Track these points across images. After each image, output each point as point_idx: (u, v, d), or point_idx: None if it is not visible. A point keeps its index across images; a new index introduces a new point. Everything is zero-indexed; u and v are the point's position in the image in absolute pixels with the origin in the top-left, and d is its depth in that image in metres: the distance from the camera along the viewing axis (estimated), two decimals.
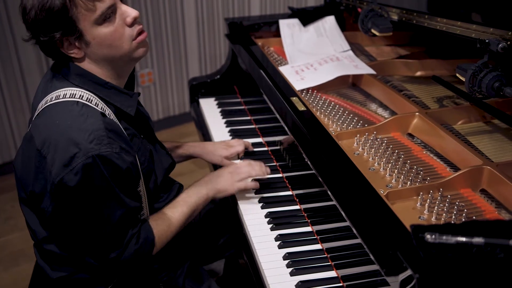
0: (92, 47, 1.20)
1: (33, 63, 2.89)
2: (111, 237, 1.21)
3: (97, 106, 1.21)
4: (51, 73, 1.28)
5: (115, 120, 1.25)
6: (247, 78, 1.95)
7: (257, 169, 1.52)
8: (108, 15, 1.18)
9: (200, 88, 2.19)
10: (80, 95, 1.21)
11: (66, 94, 1.21)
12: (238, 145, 1.71)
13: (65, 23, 1.15)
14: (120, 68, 1.28)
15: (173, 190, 1.53)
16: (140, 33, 1.24)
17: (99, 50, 1.21)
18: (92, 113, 1.19)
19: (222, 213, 1.68)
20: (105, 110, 1.23)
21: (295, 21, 2.10)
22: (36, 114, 1.24)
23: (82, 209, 1.17)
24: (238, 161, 1.68)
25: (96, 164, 1.14)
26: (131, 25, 1.22)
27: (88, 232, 1.20)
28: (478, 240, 0.88)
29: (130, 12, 1.22)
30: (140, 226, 1.27)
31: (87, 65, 1.24)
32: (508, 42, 1.35)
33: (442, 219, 1.16)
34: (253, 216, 1.48)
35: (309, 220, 1.45)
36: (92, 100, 1.22)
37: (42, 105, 1.23)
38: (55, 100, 1.21)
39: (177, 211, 1.37)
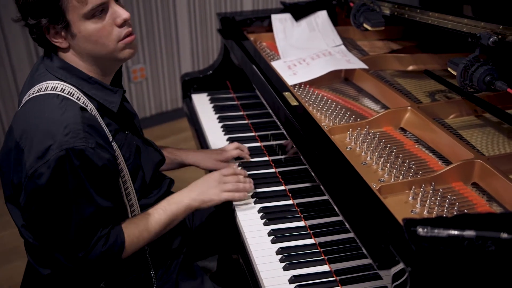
0: (78, 40, 1.20)
1: (23, 53, 2.86)
2: (78, 235, 1.19)
3: (78, 100, 1.21)
4: (37, 66, 1.28)
5: (97, 115, 1.24)
6: (239, 74, 1.95)
7: (246, 186, 1.49)
8: (99, 12, 1.18)
9: (192, 83, 2.19)
10: (62, 89, 1.21)
11: (48, 87, 1.21)
12: (232, 149, 1.69)
13: (53, 11, 1.15)
14: (104, 66, 1.27)
15: (164, 185, 1.52)
16: (128, 35, 1.24)
17: (83, 44, 1.21)
18: (71, 107, 1.19)
19: (215, 208, 1.68)
20: (87, 105, 1.22)
21: (287, 16, 2.10)
22: (20, 107, 1.25)
23: (52, 204, 1.16)
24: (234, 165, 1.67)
25: (69, 157, 1.13)
26: (120, 26, 1.22)
27: (56, 228, 1.19)
28: (469, 233, 0.88)
29: (121, 13, 1.21)
30: (110, 229, 1.25)
31: (72, 57, 1.24)
32: (499, 36, 1.36)
33: (434, 212, 1.17)
34: (246, 211, 1.48)
35: (302, 215, 1.45)
36: (73, 94, 1.21)
37: (25, 98, 1.24)
38: (36, 93, 1.21)
39: (153, 219, 1.33)
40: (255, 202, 1.51)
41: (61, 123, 1.15)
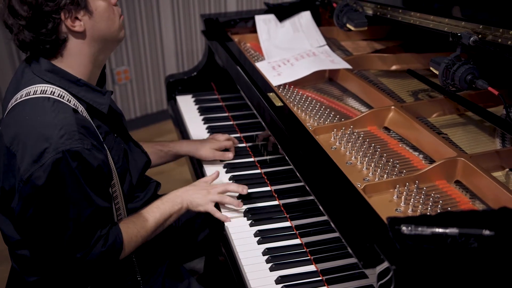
0: (94, 19, 1.22)
1: (4, 58, 2.83)
2: (77, 236, 1.18)
3: (69, 102, 1.20)
4: (22, 70, 1.26)
5: (87, 117, 1.23)
6: (224, 75, 1.95)
7: (235, 187, 1.48)
8: None
9: (177, 85, 2.18)
10: (52, 91, 1.19)
11: (37, 90, 1.19)
12: (224, 140, 1.71)
13: None
14: (104, 53, 1.29)
15: (150, 188, 1.51)
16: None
17: (99, 23, 1.23)
18: (64, 109, 1.18)
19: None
20: (77, 107, 1.21)
21: (271, 17, 2.10)
22: (6, 112, 1.23)
23: (50, 207, 1.15)
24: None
25: (66, 160, 1.12)
26: (115, 4, 1.28)
27: (55, 231, 1.17)
28: (452, 230, 0.89)
29: None
30: (109, 228, 1.25)
31: (65, 59, 1.22)
32: (480, 35, 1.38)
33: (418, 211, 1.18)
34: (232, 213, 1.48)
35: (288, 215, 1.45)
36: (64, 96, 1.20)
37: (12, 103, 1.21)
38: (25, 97, 1.19)
39: (150, 217, 1.35)
40: None
41: (56, 125, 1.14)
